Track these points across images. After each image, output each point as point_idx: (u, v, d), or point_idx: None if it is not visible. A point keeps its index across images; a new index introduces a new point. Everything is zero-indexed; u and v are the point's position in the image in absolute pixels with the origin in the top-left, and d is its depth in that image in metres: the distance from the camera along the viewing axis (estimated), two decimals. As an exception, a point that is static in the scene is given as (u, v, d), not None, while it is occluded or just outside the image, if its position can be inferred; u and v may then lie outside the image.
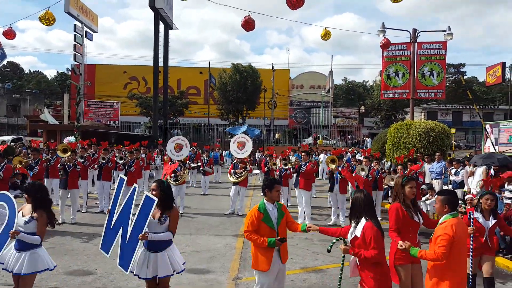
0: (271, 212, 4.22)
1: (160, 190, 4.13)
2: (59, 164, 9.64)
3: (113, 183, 14.38)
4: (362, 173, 9.41)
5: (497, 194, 9.57)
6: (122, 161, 11.23)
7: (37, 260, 4.05)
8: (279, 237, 4.13)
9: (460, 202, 9.62)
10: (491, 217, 5.19)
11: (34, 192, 4.15)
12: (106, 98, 41.60)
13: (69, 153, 9.42)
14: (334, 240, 3.95)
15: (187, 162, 12.24)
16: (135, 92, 43.93)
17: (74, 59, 38.68)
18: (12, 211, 4.02)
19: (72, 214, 9.34)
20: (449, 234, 3.59)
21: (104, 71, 48.38)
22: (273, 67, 40.38)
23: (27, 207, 4.17)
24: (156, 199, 3.92)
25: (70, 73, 50.46)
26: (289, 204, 11.54)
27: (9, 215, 4.01)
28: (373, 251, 3.60)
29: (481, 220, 5.15)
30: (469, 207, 8.46)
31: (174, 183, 10.72)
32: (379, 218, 10.75)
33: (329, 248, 3.92)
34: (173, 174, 10.81)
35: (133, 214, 4.05)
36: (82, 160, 10.48)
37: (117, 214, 4.11)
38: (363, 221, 3.74)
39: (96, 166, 11.31)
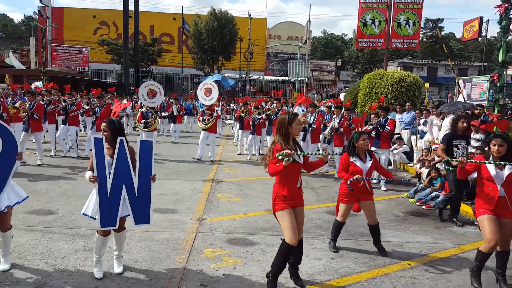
0: None
1: (111, 130, 3.91)
2: (23, 113, 9.33)
3: (80, 130, 14.08)
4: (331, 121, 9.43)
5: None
6: (87, 107, 10.83)
7: (17, 189, 4.09)
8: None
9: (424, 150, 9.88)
10: (367, 158, 4.85)
11: None
12: (75, 43, 39.42)
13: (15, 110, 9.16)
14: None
15: (159, 110, 11.99)
16: (106, 38, 41.81)
17: (40, 1, 36.18)
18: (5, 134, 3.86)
19: (39, 156, 9.23)
20: None
21: (73, 15, 45.49)
22: (249, 15, 38.88)
23: None
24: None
25: (37, 16, 47.30)
26: (261, 152, 11.57)
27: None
28: None
29: (358, 162, 4.79)
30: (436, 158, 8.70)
31: (144, 129, 10.62)
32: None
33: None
34: (143, 121, 10.67)
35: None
36: (48, 102, 10.18)
37: (112, 174, 3.80)
38: None
39: (61, 111, 10.93)
